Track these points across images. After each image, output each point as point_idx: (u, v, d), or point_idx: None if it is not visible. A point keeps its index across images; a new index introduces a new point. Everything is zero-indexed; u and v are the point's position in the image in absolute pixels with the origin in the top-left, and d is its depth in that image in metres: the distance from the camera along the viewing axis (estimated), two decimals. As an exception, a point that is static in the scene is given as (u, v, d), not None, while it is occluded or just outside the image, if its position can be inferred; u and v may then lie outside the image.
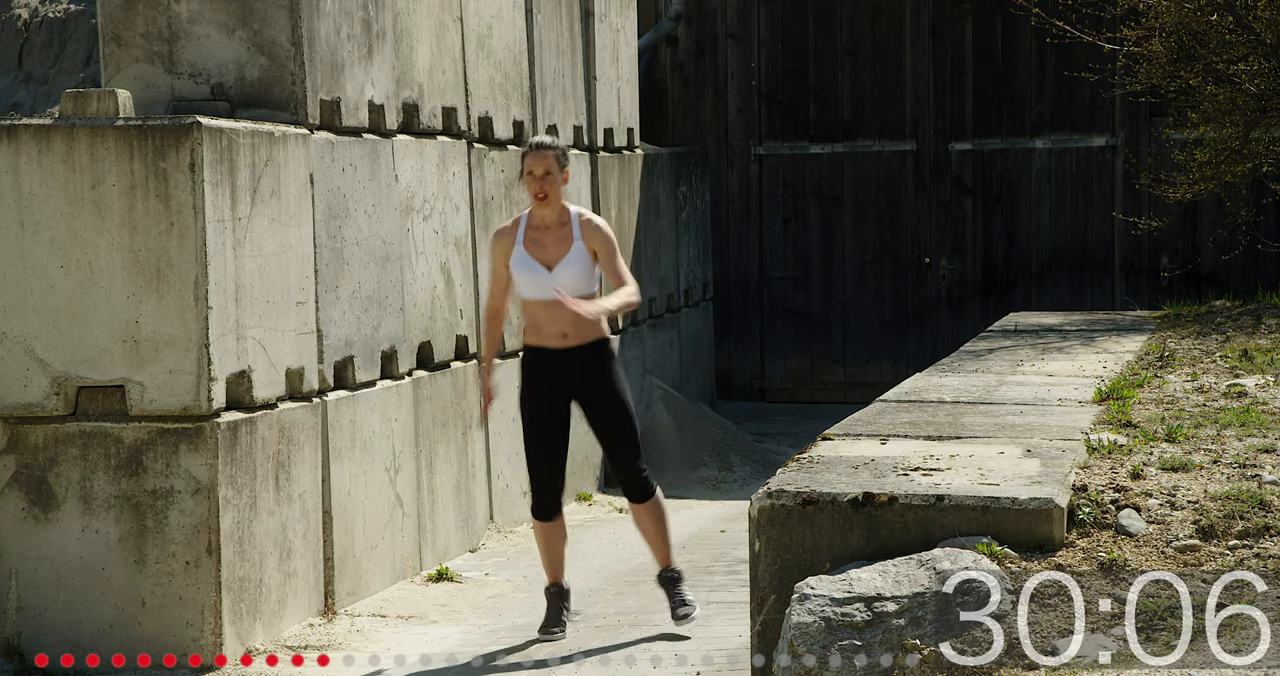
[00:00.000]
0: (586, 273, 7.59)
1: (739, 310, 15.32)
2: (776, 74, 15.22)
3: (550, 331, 7.59)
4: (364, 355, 8.46)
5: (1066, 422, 6.64)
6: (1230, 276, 14.31)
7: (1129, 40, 11.84)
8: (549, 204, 7.57)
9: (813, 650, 4.94)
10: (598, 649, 7.40)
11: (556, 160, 7.56)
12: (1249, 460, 5.92)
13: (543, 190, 7.55)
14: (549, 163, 7.54)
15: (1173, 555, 5.18)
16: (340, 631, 7.78)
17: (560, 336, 7.59)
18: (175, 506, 7.18)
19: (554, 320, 7.56)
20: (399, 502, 8.74)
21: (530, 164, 7.56)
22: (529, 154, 7.57)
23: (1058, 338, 9.87)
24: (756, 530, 5.35)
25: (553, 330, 7.59)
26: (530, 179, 7.56)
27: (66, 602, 7.23)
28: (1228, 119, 11.26)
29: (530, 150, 7.58)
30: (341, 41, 8.36)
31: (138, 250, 7.14)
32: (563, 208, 7.63)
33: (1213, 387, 7.55)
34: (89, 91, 7.35)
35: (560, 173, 7.58)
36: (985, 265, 15.02)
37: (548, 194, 7.55)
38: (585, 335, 7.60)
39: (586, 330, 7.60)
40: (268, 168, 7.63)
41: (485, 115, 10.00)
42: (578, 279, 7.56)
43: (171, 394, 7.16)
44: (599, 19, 11.83)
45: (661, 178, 13.26)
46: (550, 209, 7.59)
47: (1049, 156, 14.83)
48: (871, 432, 6.43)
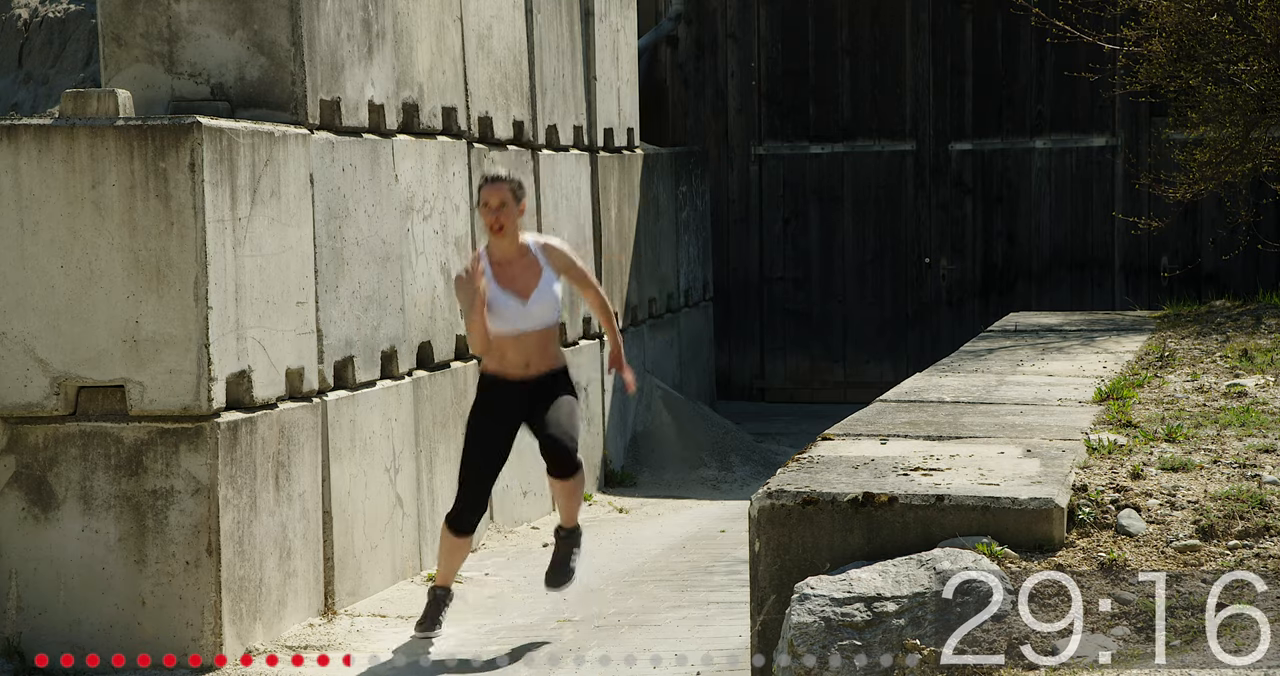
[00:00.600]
0: (557, 300, 7.70)
1: (739, 310, 15.32)
2: (776, 74, 15.22)
3: (514, 361, 7.67)
4: (364, 355, 8.46)
5: (1066, 422, 6.64)
6: (1230, 276, 14.31)
7: (1129, 40, 11.85)
8: (505, 235, 7.64)
9: (813, 650, 4.95)
10: (597, 649, 7.40)
11: (512, 192, 7.62)
12: (1249, 460, 5.92)
13: (498, 221, 7.61)
14: (504, 194, 7.61)
15: (1173, 555, 5.18)
16: (340, 631, 7.78)
17: (524, 366, 7.68)
18: (175, 506, 7.18)
19: (520, 351, 7.65)
20: (399, 502, 8.74)
21: (486, 196, 7.63)
22: (484, 186, 7.65)
23: (1058, 338, 9.87)
24: (756, 530, 5.35)
25: (517, 360, 7.67)
26: (486, 210, 7.63)
27: (66, 602, 7.23)
28: (1228, 119, 11.26)
29: (485, 183, 7.65)
30: (341, 41, 8.36)
31: (138, 250, 7.14)
32: (518, 240, 7.69)
33: (1213, 387, 7.55)
34: (89, 91, 7.35)
35: (516, 205, 7.64)
36: (985, 265, 15.02)
37: (503, 225, 7.62)
38: (548, 365, 7.72)
39: (550, 360, 7.73)
40: (268, 168, 7.63)
41: (485, 115, 10.00)
42: (550, 308, 7.67)
43: (171, 394, 7.16)
44: (599, 19, 11.83)
45: (661, 178, 13.26)
46: (508, 240, 7.66)
47: (1049, 156, 14.83)
48: (871, 432, 6.43)
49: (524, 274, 7.65)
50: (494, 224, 7.63)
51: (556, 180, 10.99)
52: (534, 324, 7.63)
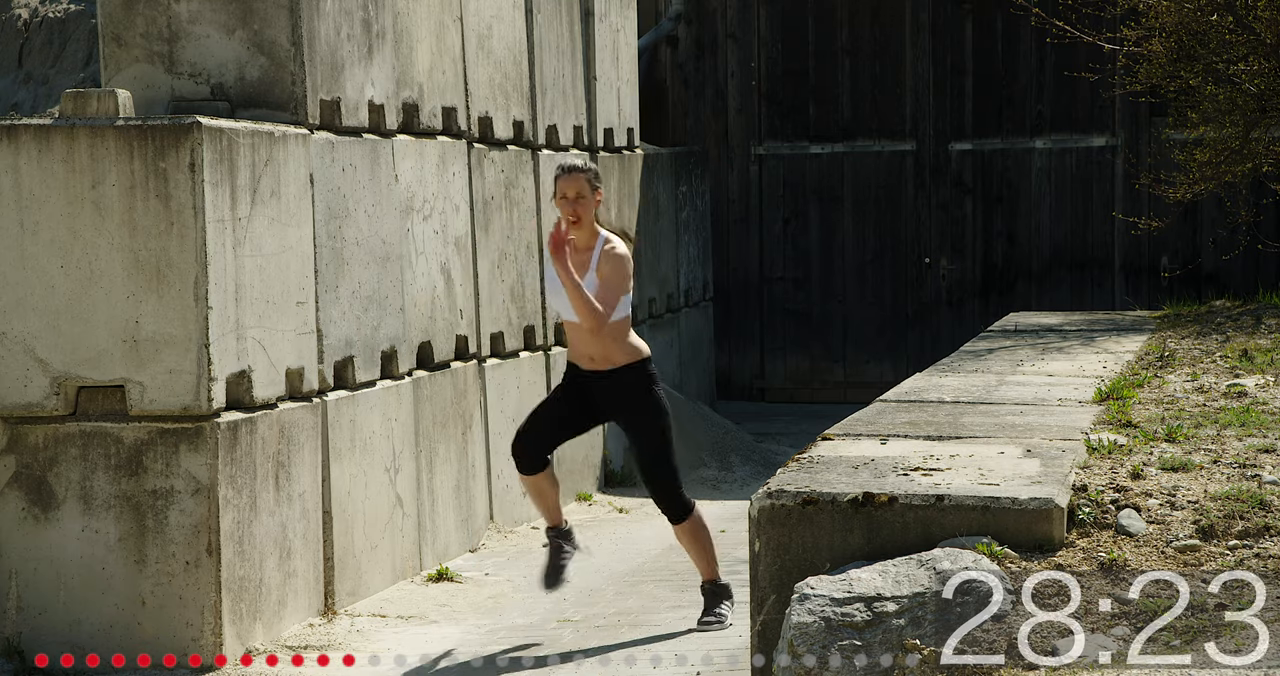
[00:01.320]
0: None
1: (739, 310, 15.32)
2: (776, 74, 15.22)
3: (580, 352, 7.55)
4: (364, 355, 8.46)
5: (1066, 422, 6.63)
6: (1230, 276, 14.31)
7: (1129, 40, 11.85)
8: (582, 227, 7.44)
9: (813, 650, 4.95)
10: (597, 649, 7.40)
11: (589, 182, 7.43)
12: (1249, 460, 5.92)
13: (575, 213, 7.41)
14: (581, 185, 7.41)
15: (1173, 555, 5.18)
16: (340, 631, 7.78)
17: (588, 359, 7.54)
18: (175, 506, 7.18)
19: (579, 341, 7.52)
20: (399, 502, 8.74)
21: (563, 187, 7.42)
22: (561, 177, 7.43)
23: (1058, 338, 9.87)
24: (756, 530, 5.35)
25: (581, 351, 7.54)
26: (563, 202, 7.43)
27: (66, 602, 7.23)
28: (1228, 119, 11.26)
29: (562, 173, 7.43)
30: (341, 41, 8.36)
31: (138, 250, 7.14)
32: (594, 231, 7.49)
33: (1213, 387, 7.55)
34: (89, 91, 7.35)
35: (593, 195, 7.44)
36: (985, 265, 15.02)
37: (579, 217, 7.42)
38: (613, 360, 7.51)
39: (614, 355, 7.50)
40: (268, 168, 7.63)
41: (485, 115, 10.00)
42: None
43: (171, 394, 7.16)
44: (599, 19, 11.83)
45: (661, 178, 13.26)
46: (582, 231, 7.46)
47: (1049, 156, 14.83)
48: (871, 432, 6.43)
49: (578, 268, 7.43)
50: (571, 214, 7.41)
51: (556, 180, 10.97)
52: (572, 316, 7.45)
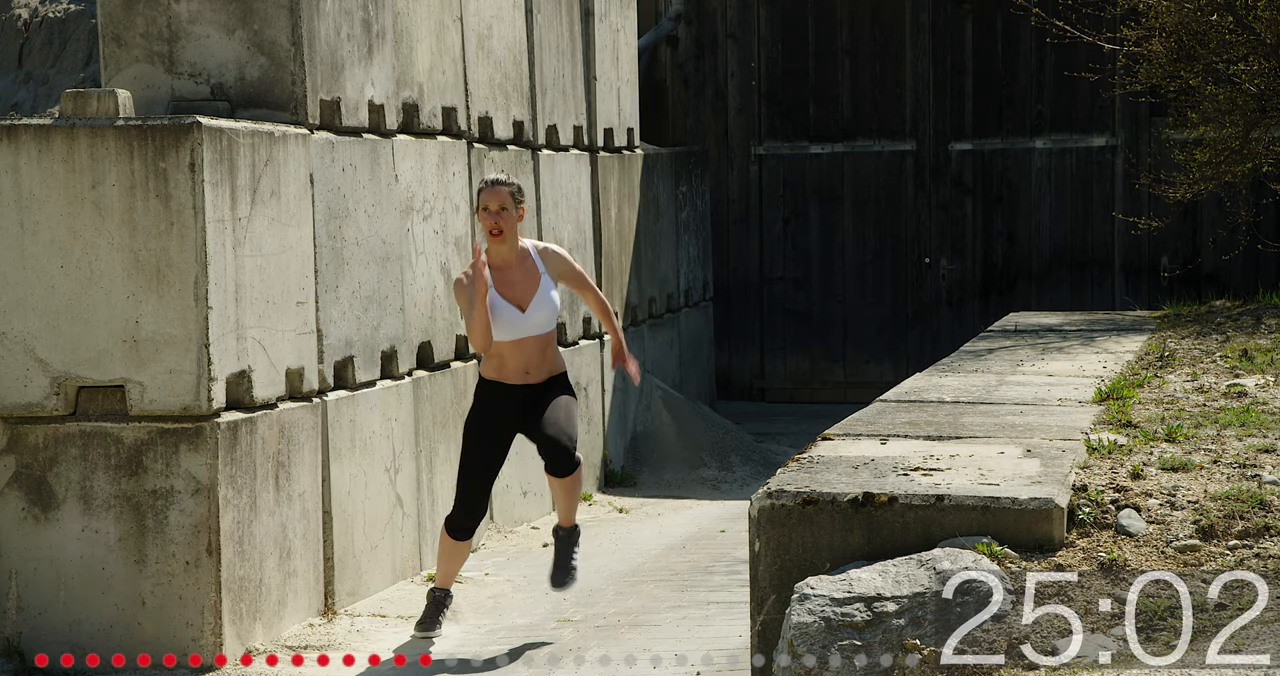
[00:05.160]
0: (555, 307, 7.66)
1: (739, 310, 15.32)
2: (776, 74, 15.22)
3: (514, 367, 7.65)
4: (364, 355, 8.46)
5: (1066, 422, 6.64)
6: (1230, 276, 14.31)
7: (1129, 40, 11.85)
8: (504, 240, 7.60)
9: (813, 650, 4.95)
10: (597, 649, 7.40)
11: (511, 196, 7.58)
12: (1249, 460, 5.92)
13: (498, 225, 7.57)
14: (504, 198, 7.56)
15: (1173, 555, 5.18)
16: (340, 631, 7.78)
17: (523, 373, 7.66)
18: (175, 506, 7.18)
19: (519, 357, 7.63)
20: (399, 502, 8.74)
21: (485, 199, 7.58)
22: (484, 190, 7.59)
23: (1058, 338, 9.87)
24: (756, 530, 5.35)
25: (516, 367, 7.65)
26: (485, 214, 7.59)
27: (66, 602, 7.23)
28: (1228, 119, 11.26)
29: (485, 187, 7.60)
30: (341, 41, 8.36)
31: (138, 250, 7.14)
32: (519, 244, 7.66)
33: (1213, 387, 7.55)
34: (89, 91, 7.35)
35: (515, 209, 7.61)
36: (985, 265, 15.02)
37: (503, 230, 7.57)
38: (547, 371, 7.70)
39: (549, 366, 7.70)
40: (268, 168, 7.63)
41: (485, 115, 10.00)
42: (549, 315, 7.64)
43: (171, 394, 7.16)
44: (599, 19, 11.84)
45: (661, 178, 13.26)
46: (506, 245, 7.61)
47: (1049, 156, 14.83)
48: (871, 432, 6.43)
49: (523, 281, 7.61)
50: (493, 228, 7.58)
51: (556, 180, 10.99)
52: (532, 331, 7.61)
